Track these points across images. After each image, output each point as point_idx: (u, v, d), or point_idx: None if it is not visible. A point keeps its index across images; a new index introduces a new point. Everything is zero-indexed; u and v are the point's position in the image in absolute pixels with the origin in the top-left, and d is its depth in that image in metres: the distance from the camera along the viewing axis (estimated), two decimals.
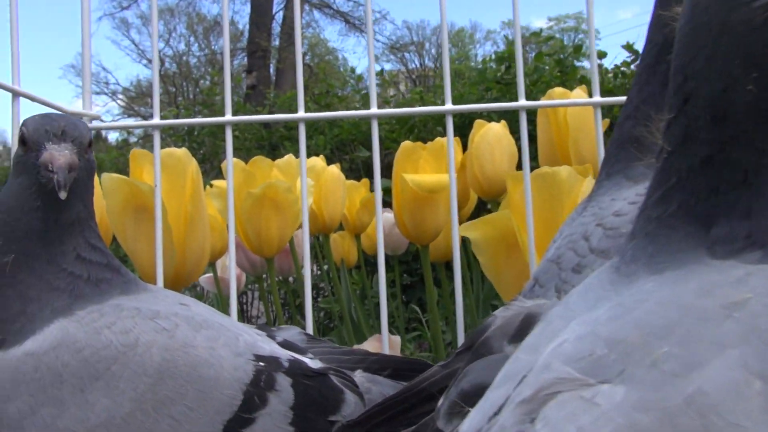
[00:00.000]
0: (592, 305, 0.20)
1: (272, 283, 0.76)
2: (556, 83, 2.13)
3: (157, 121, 0.52)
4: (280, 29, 8.72)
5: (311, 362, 0.37)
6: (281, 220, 0.72)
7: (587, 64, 2.21)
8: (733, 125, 0.19)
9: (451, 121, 0.51)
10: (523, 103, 0.50)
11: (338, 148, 2.42)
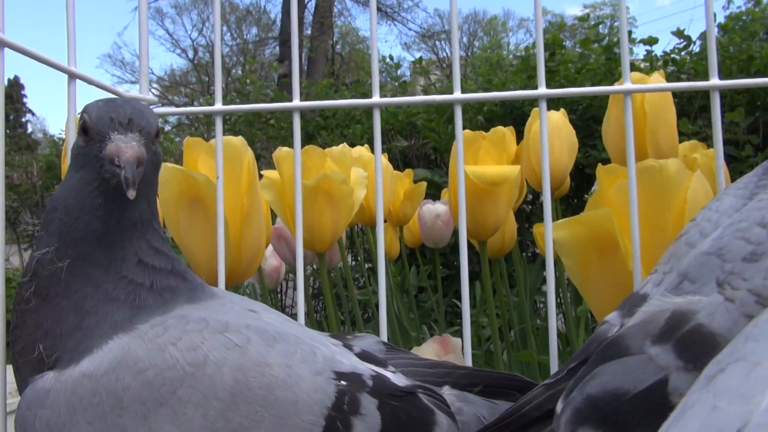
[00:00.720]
0: None
1: (324, 279, 0.73)
2: (602, 71, 2.06)
3: (219, 106, 0.48)
4: (312, 18, 8.70)
5: (394, 377, 0.33)
6: (335, 213, 0.68)
7: (635, 50, 2.13)
8: None
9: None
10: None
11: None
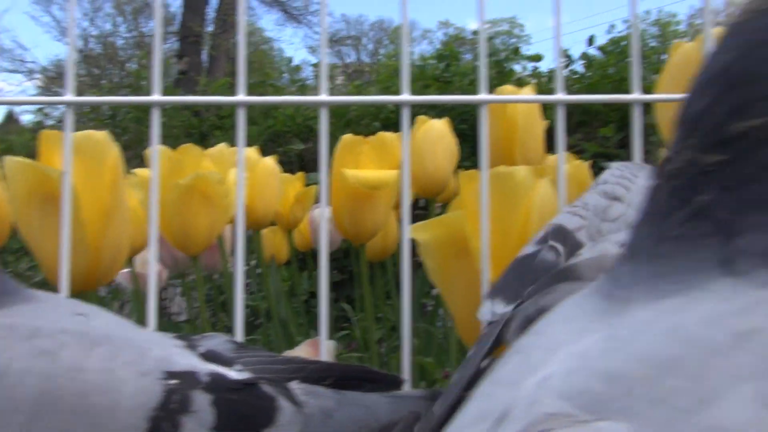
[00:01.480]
0: (577, 336, 0.18)
1: (198, 281, 0.70)
2: (493, 84, 2.15)
3: (69, 97, 0.45)
4: (215, 15, 8.45)
5: (237, 374, 0.32)
6: (210, 214, 0.66)
7: (521, 66, 2.24)
8: None
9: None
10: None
11: (272, 140, 2.35)
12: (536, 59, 1.92)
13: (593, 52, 1.98)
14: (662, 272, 0.18)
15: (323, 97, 0.47)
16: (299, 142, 2.26)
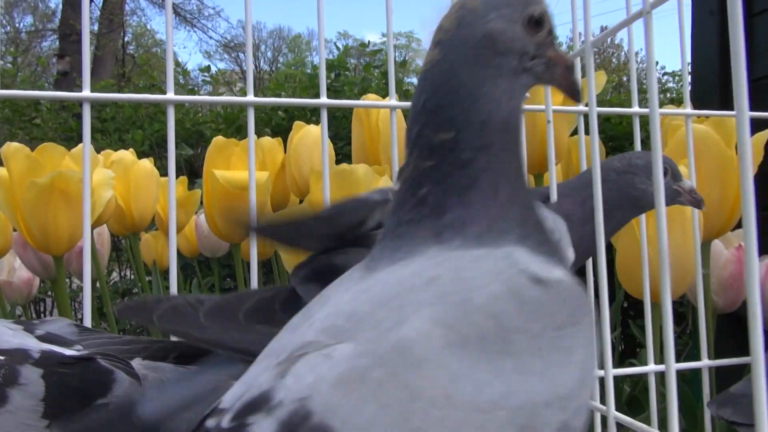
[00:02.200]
0: (340, 294, 0.26)
1: (61, 282, 0.69)
2: (382, 94, 2.23)
3: None
4: (99, 14, 8.02)
5: (72, 351, 0.34)
6: (72, 214, 0.65)
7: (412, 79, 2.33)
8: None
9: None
10: (324, 100, 0.53)
11: (159, 144, 2.28)
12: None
13: None
14: (398, 246, 0.26)
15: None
16: (187, 147, 2.21)
